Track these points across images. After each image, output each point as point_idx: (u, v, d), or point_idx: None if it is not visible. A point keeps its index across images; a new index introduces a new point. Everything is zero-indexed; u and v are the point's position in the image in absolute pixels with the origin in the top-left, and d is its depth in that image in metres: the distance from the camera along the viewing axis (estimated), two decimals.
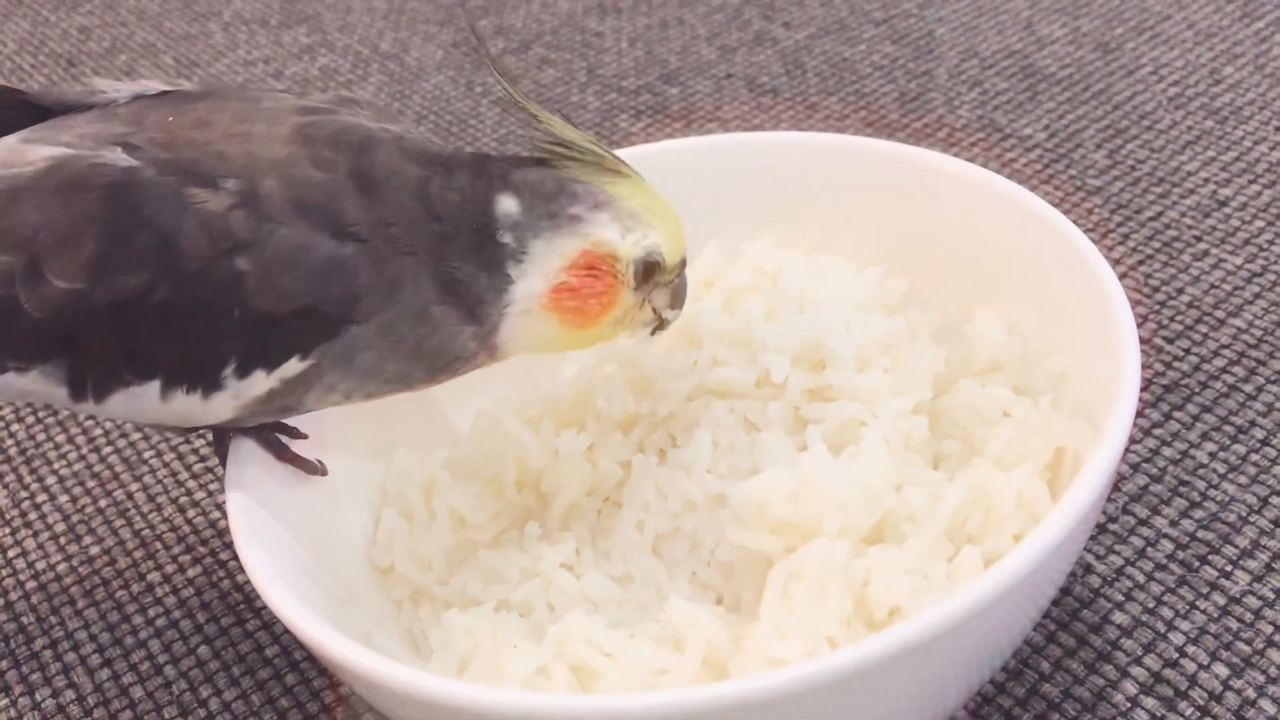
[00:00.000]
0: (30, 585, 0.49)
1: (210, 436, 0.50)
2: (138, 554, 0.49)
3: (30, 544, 0.50)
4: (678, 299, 0.39)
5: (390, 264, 0.34)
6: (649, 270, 0.37)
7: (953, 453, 0.39)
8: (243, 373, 0.34)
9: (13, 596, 0.48)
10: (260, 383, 0.35)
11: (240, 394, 0.35)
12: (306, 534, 0.39)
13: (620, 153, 0.48)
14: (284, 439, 0.40)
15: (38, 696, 0.44)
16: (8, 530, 0.51)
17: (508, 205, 0.36)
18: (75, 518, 0.51)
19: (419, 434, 0.45)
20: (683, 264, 0.38)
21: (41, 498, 0.52)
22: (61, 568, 0.49)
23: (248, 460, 0.38)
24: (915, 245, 0.45)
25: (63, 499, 0.52)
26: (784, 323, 0.41)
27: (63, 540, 0.50)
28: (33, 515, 0.52)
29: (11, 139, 0.35)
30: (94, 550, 0.50)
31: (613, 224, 0.36)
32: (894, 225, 0.45)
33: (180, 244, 0.33)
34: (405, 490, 0.43)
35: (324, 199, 0.34)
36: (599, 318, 0.37)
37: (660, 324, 0.39)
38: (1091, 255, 0.38)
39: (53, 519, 0.51)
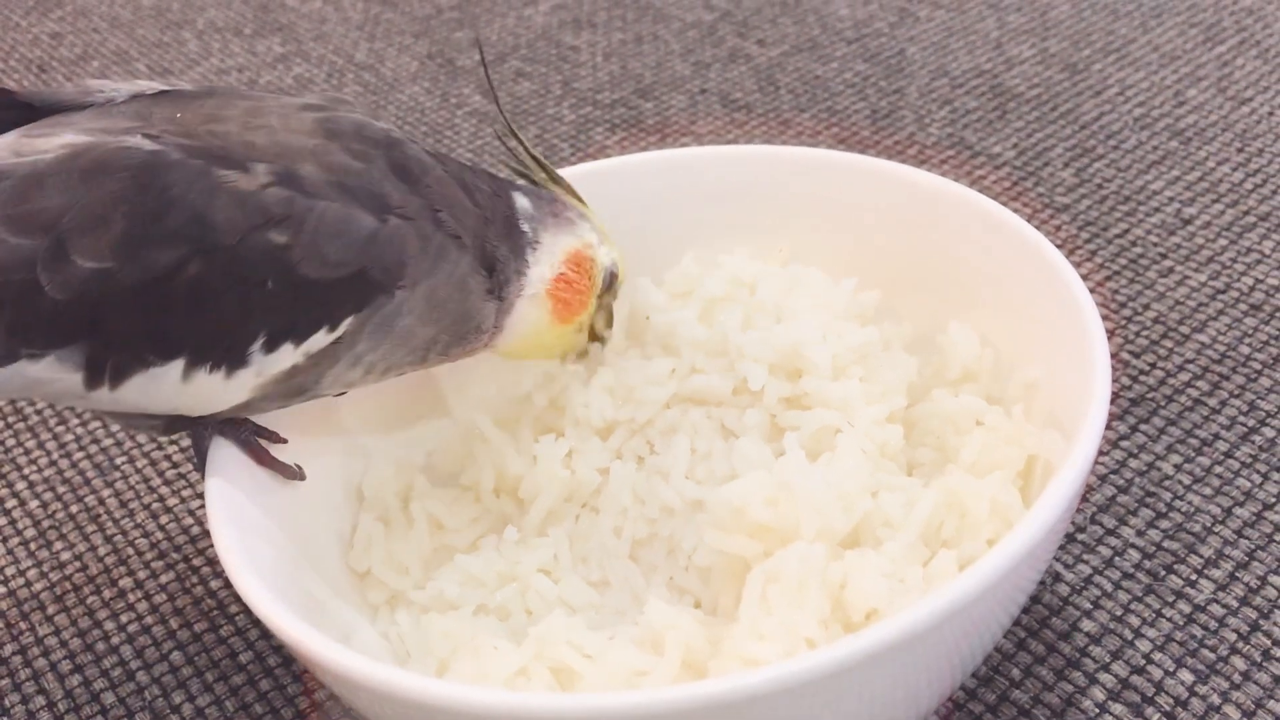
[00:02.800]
0: None
1: (188, 440, 0.50)
2: (109, 559, 0.49)
3: None
4: (610, 320, 0.43)
5: (434, 239, 0.36)
6: (609, 282, 0.41)
7: (926, 460, 0.40)
8: (270, 347, 0.34)
9: None
10: (286, 357, 0.35)
11: (264, 370, 0.35)
12: (285, 537, 0.39)
13: (598, 164, 0.49)
14: (263, 443, 0.40)
15: (7, 703, 0.44)
16: None
17: (523, 201, 0.40)
18: (46, 523, 0.51)
19: (397, 440, 0.45)
20: (618, 290, 0.42)
21: (11, 503, 0.52)
22: (32, 573, 0.49)
23: (226, 463, 0.38)
24: (889, 258, 0.46)
25: (33, 504, 0.52)
26: (761, 332, 0.42)
27: (33, 546, 0.50)
28: (2, 521, 0.51)
29: (8, 137, 0.34)
30: (65, 556, 0.49)
31: (592, 233, 0.41)
32: (868, 238, 0.46)
33: (214, 219, 0.33)
34: (383, 495, 0.43)
35: (367, 184, 0.35)
36: (575, 315, 0.40)
37: (599, 341, 0.43)
38: (1064, 269, 0.39)
39: (23, 524, 0.51)
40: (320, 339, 0.35)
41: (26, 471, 0.54)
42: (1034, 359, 0.40)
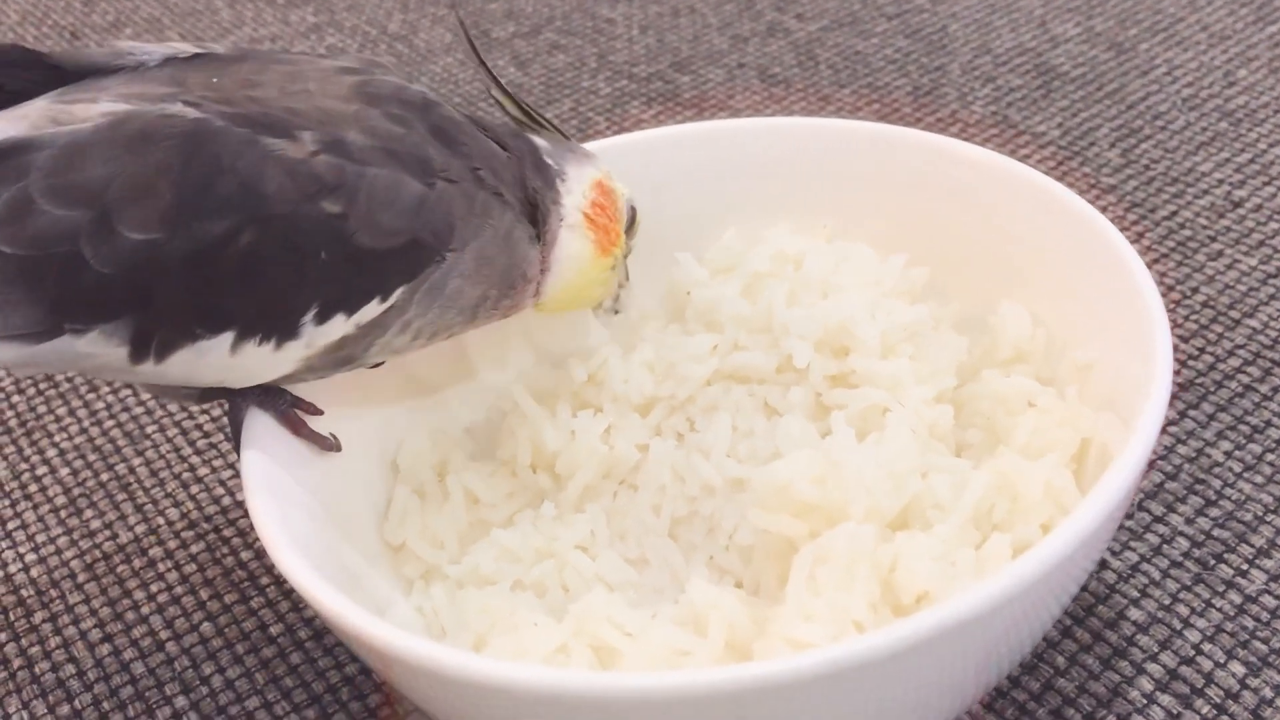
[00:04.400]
0: (30, 558, 0.48)
1: (220, 410, 0.49)
2: (139, 528, 0.49)
3: (30, 516, 0.50)
4: (627, 274, 0.42)
5: (479, 199, 0.36)
6: (631, 217, 0.41)
7: (976, 441, 0.39)
8: (322, 318, 0.34)
9: (12, 569, 0.47)
10: (337, 328, 0.34)
11: (313, 342, 0.34)
12: (320, 509, 0.38)
13: (638, 135, 0.48)
14: (300, 414, 0.39)
15: (37, 670, 0.44)
16: (7, 503, 0.50)
17: (537, 140, 0.39)
18: (76, 490, 0.50)
19: (434, 413, 0.44)
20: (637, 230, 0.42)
21: (42, 470, 0.52)
22: (62, 540, 0.48)
23: (261, 434, 0.37)
24: (938, 235, 0.44)
25: (63, 471, 0.51)
26: (806, 308, 0.41)
27: (63, 514, 0.49)
28: (32, 488, 0.51)
29: (40, 101, 0.34)
30: (95, 524, 0.49)
31: (606, 167, 0.40)
32: (916, 214, 0.45)
33: (264, 189, 0.32)
34: (418, 469, 0.42)
35: (410, 149, 0.35)
36: (613, 246, 0.40)
37: (617, 301, 0.42)
38: (1122, 247, 0.38)
39: (53, 491, 0.51)
40: (373, 309, 0.34)
41: (57, 439, 0.53)
42: (1089, 340, 0.39)
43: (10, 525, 0.49)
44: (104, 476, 0.51)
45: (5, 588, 0.47)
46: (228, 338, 0.33)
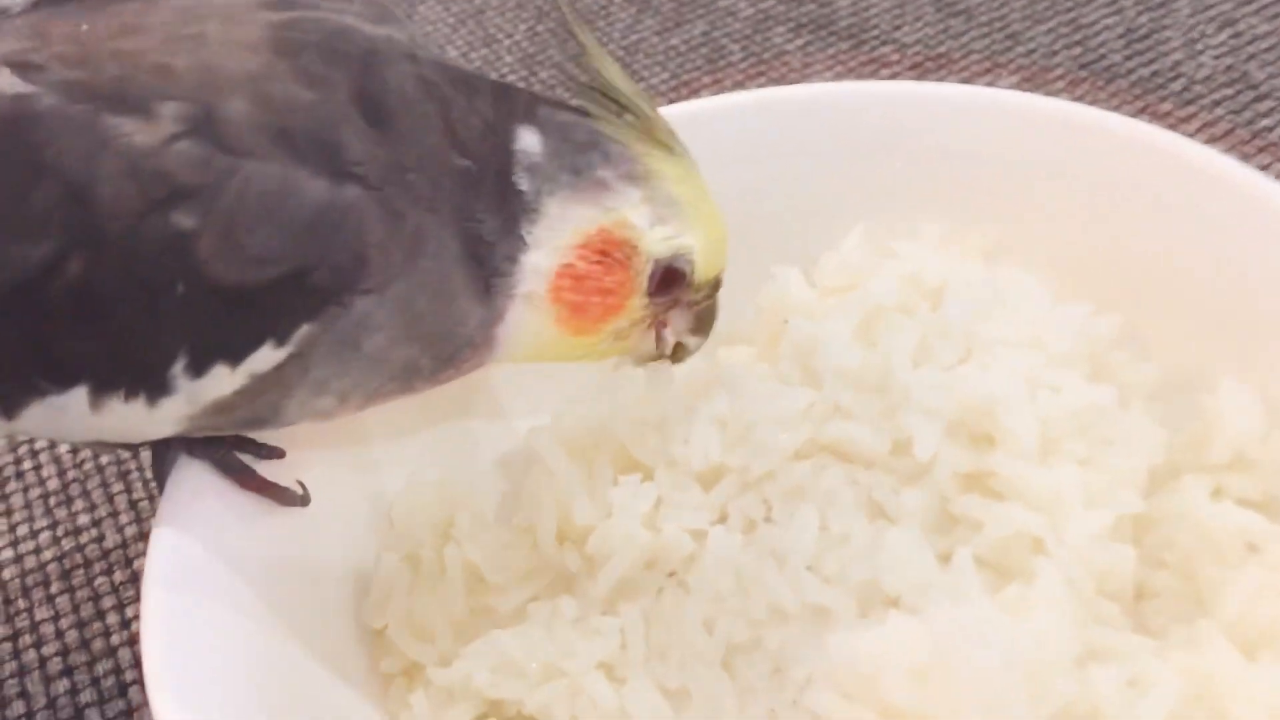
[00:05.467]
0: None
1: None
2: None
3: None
4: (702, 325, 0.31)
5: (410, 219, 0.26)
6: (670, 278, 0.29)
7: (1163, 590, 0.27)
8: (198, 368, 0.26)
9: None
10: (222, 381, 0.26)
11: (196, 397, 0.27)
12: (270, 592, 0.29)
13: (744, 96, 0.37)
14: (249, 459, 0.30)
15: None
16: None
17: (528, 140, 0.28)
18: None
19: (441, 456, 0.35)
20: (716, 285, 0.31)
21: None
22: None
23: (190, 493, 0.29)
24: (1141, 265, 0.34)
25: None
26: (940, 371, 0.30)
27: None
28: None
29: None
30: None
31: (643, 206, 0.29)
32: (1112, 233, 0.34)
33: (96, 195, 0.25)
34: (414, 527, 0.33)
35: (316, 126, 0.26)
36: (598, 324, 0.29)
37: (678, 352, 0.31)
38: None
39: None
40: (266, 356, 0.26)
41: None
42: None
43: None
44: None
45: None
46: (81, 393, 0.26)
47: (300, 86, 0.26)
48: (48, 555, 0.42)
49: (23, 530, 0.43)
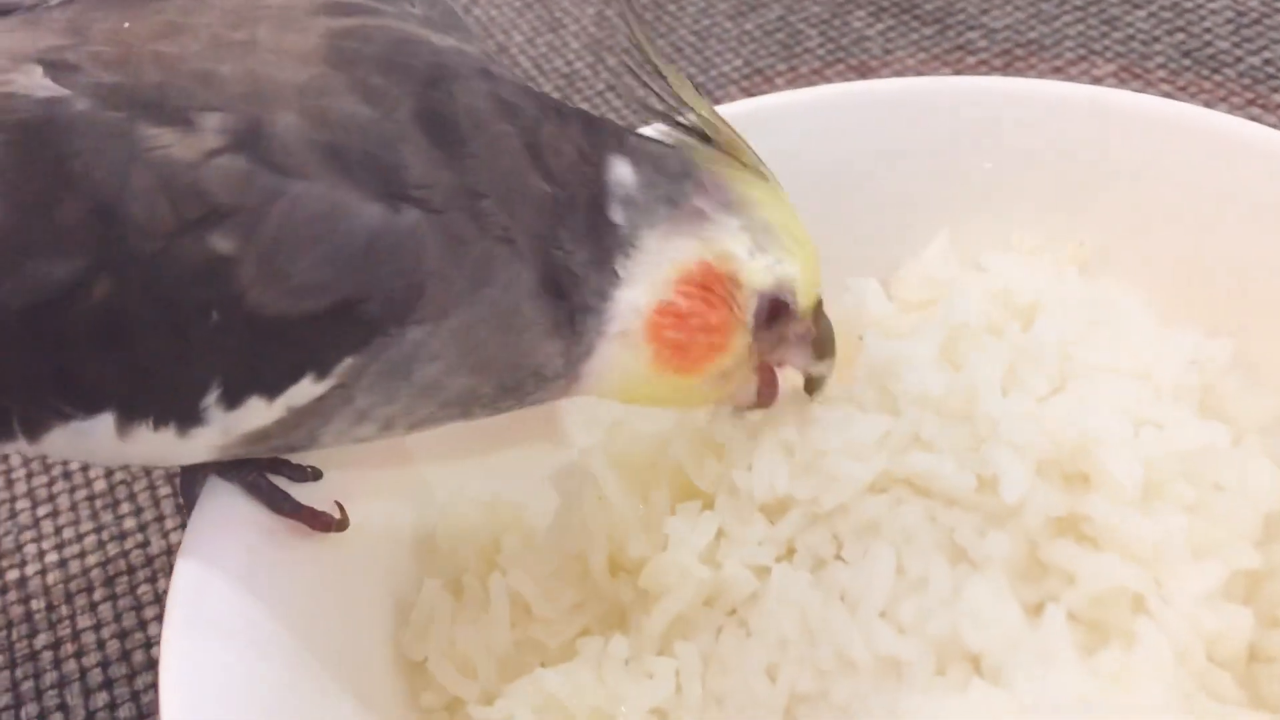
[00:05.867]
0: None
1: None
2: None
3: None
4: (824, 347, 0.29)
5: (476, 246, 0.25)
6: (775, 310, 0.28)
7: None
8: (231, 400, 0.25)
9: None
10: (258, 413, 0.25)
11: (230, 429, 0.25)
12: (302, 623, 0.28)
13: (818, 91, 0.35)
14: (284, 482, 0.28)
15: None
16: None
17: (621, 171, 0.27)
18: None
19: (489, 476, 0.33)
20: (817, 308, 0.29)
21: None
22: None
23: (219, 518, 0.27)
24: (1249, 279, 0.31)
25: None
26: (1031, 400, 0.27)
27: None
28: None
29: None
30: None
31: (742, 234, 0.27)
32: (1217, 243, 0.32)
33: (126, 212, 0.23)
34: (459, 553, 0.31)
35: (373, 145, 0.24)
36: (701, 364, 0.27)
37: (811, 385, 0.30)
38: None
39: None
40: (305, 390, 0.24)
41: None
42: None
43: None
44: None
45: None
46: (107, 420, 0.25)
47: (357, 101, 0.24)
48: (92, 560, 0.41)
49: (69, 534, 0.42)
